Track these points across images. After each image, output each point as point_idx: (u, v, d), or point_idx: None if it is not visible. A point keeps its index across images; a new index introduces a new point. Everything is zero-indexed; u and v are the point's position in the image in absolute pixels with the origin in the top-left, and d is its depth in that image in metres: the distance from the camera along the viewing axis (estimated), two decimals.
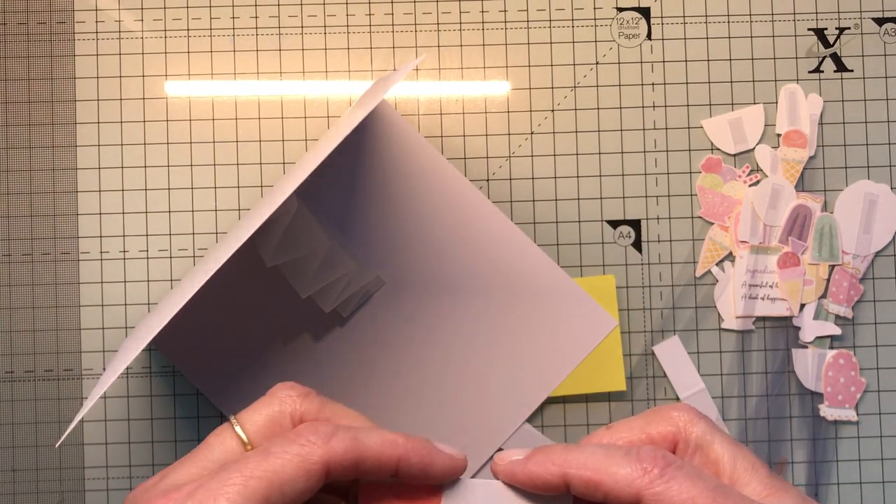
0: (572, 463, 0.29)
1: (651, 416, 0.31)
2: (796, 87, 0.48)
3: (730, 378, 0.47)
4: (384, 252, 0.47)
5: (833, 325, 0.48)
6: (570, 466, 0.28)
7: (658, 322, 0.48)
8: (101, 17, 0.48)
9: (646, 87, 0.48)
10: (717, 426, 0.31)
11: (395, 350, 0.46)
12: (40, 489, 0.46)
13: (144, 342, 0.36)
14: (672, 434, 0.30)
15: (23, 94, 0.47)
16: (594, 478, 0.28)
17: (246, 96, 0.48)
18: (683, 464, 0.28)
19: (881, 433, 0.48)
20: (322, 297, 0.45)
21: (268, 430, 0.31)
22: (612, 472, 0.28)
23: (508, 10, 0.48)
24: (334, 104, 0.48)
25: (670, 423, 0.31)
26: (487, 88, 0.48)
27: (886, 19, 0.49)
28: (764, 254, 0.48)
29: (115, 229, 0.47)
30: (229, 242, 0.38)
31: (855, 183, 0.48)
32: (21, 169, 0.47)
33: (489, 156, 0.48)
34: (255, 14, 0.48)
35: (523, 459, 0.30)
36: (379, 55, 0.48)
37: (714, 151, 0.48)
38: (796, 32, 0.49)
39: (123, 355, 0.38)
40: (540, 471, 0.29)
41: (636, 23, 0.48)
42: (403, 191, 0.47)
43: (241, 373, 0.46)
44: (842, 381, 0.47)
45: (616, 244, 0.48)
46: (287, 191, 0.35)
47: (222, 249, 0.39)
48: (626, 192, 0.48)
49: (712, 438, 0.30)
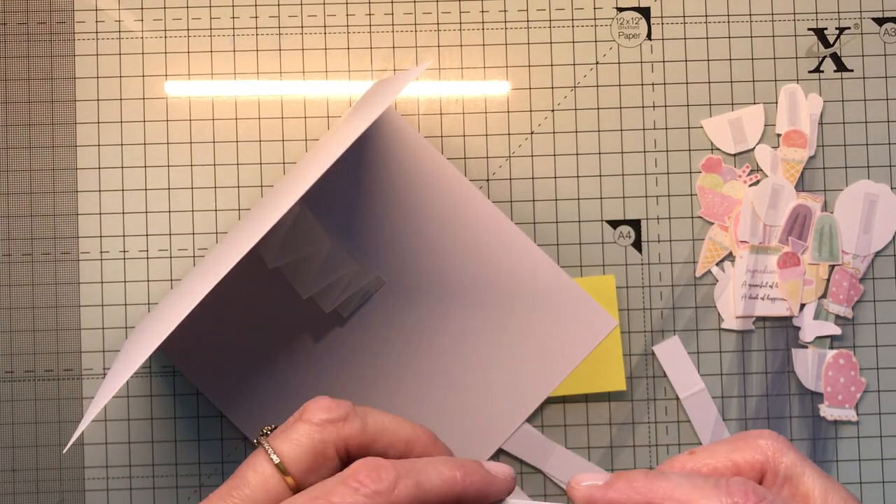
0: (658, 493, 0.27)
1: (737, 442, 0.30)
2: (796, 87, 0.48)
3: (730, 378, 0.47)
4: (384, 252, 0.47)
5: (833, 325, 0.48)
6: (656, 496, 0.27)
7: (658, 322, 0.48)
8: (101, 16, 0.48)
9: (646, 87, 0.48)
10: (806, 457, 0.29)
11: (394, 350, 0.46)
12: (40, 489, 0.46)
13: (149, 350, 0.35)
14: (760, 463, 0.29)
15: (23, 94, 0.47)
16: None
17: (246, 96, 0.48)
18: (775, 499, 0.27)
19: (881, 433, 0.48)
20: (322, 297, 0.45)
21: (310, 462, 0.30)
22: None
23: (508, 10, 0.48)
24: (334, 104, 0.48)
25: (758, 451, 0.29)
26: (487, 88, 0.48)
27: (886, 19, 0.49)
28: (764, 254, 0.48)
29: (115, 229, 0.47)
30: (233, 247, 0.37)
31: (855, 183, 0.48)
32: (21, 169, 0.47)
33: (489, 156, 0.48)
34: (255, 14, 0.48)
35: (603, 486, 0.29)
36: (379, 55, 0.48)
37: (714, 151, 0.48)
38: (796, 32, 0.49)
39: (127, 363, 0.38)
40: (623, 499, 0.28)
41: (636, 23, 0.48)
42: (403, 190, 0.47)
43: (241, 372, 0.46)
44: (842, 381, 0.47)
45: (616, 244, 0.48)
46: (292, 197, 0.35)
47: (225, 253, 0.39)
48: (626, 192, 0.48)
49: (802, 470, 0.29)
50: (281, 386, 0.46)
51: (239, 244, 0.36)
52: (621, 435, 0.47)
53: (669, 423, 0.47)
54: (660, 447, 0.47)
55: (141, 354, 0.35)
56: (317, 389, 0.46)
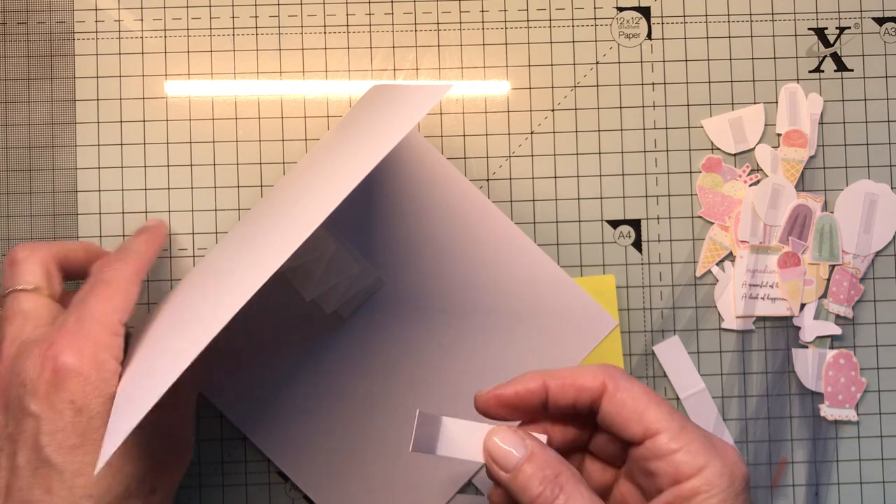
0: (549, 375, 0.36)
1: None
2: (796, 86, 0.48)
3: (730, 378, 0.47)
4: (384, 253, 0.47)
5: (833, 325, 0.48)
6: (548, 377, 0.36)
7: (658, 322, 0.48)
8: (100, 16, 0.48)
9: (646, 87, 0.48)
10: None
11: (393, 350, 0.46)
12: None
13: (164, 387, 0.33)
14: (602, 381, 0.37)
15: (23, 94, 0.47)
16: (569, 379, 0.36)
17: (246, 96, 0.48)
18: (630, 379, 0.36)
19: (881, 433, 0.48)
20: (325, 299, 0.45)
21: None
22: (580, 375, 0.36)
23: (508, 9, 0.48)
24: (334, 104, 0.48)
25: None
26: (487, 88, 0.48)
27: (886, 19, 0.49)
28: (764, 253, 0.47)
29: (115, 229, 0.47)
30: (244, 268, 0.36)
31: (855, 183, 0.48)
32: (21, 169, 0.47)
33: (489, 155, 0.48)
34: (255, 14, 0.48)
35: (505, 384, 0.37)
36: (379, 55, 0.48)
37: (714, 151, 0.48)
38: (796, 32, 0.49)
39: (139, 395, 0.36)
40: (523, 383, 0.36)
41: (636, 22, 0.48)
42: (403, 192, 0.47)
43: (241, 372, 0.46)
44: (842, 380, 0.47)
45: (616, 244, 0.48)
46: (313, 221, 0.33)
47: (235, 269, 0.37)
48: (626, 191, 0.48)
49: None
50: (293, 397, 0.46)
51: (252, 266, 0.35)
52: None
53: None
54: None
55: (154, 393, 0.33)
56: (317, 387, 0.46)
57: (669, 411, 0.34)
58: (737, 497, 0.33)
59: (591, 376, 0.36)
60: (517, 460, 0.34)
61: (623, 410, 0.35)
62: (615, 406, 0.35)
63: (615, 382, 0.35)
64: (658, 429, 0.34)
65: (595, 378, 0.35)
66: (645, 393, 0.35)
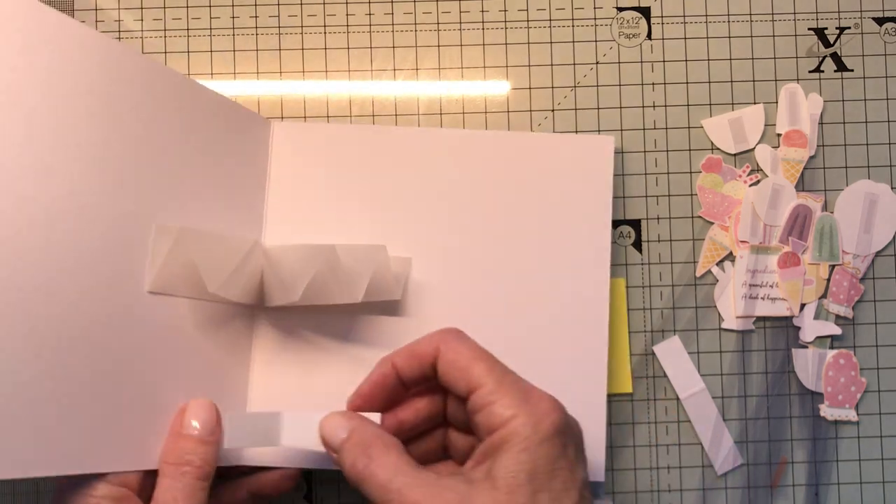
0: (395, 353, 0.39)
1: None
2: (796, 86, 0.48)
3: (730, 378, 0.47)
4: None
5: (833, 325, 0.48)
6: (394, 356, 0.39)
7: (658, 322, 0.48)
8: (101, 16, 0.48)
9: (646, 87, 0.48)
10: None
11: None
12: (40, 489, 0.46)
13: None
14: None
15: None
16: (408, 350, 0.39)
17: (246, 96, 0.48)
18: None
19: (881, 433, 0.48)
20: None
21: None
22: (418, 343, 0.38)
23: (508, 9, 0.48)
24: (334, 104, 0.48)
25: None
26: (487, 88, 0.48)
27: (886, 19, 0.49)
28: (764, 254, 0.47)
29: None
30: None
31: (855, 183, 0.48)
32: None
33: None
34: (255, 14, 0.48)
35: (364, 380, 0.39)
36: (379, 55, 0.48)
37: (714, 151, 0.48)
38: (796, 32, 0.49)
39: None
40: (377, 370, 0.39)
41: (636, 22, 0.48)
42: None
43: None
44: (842, 380, 0.47)
45: (616, 244, 0.48)
46: None
47: None
48: (626, 192, 0.48)
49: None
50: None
51: None
52: (621, 435, 0.47)
53: (669, 423, 0.47)
54: (660, 447, 0.47)
55: None
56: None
57: (490, 367, 0.36)
58: (541, 443, 0.34)
59: (427, 342, 0.38)
60: (341, 440, 0.37)
61: (452, 370, 0.37)
62: (446, 366, 0.37)
63: (447, 345, 0.38)
64: (479, 384, 0.36)
65: (430, 343, 0.38)
66: (470, 350, 0.37)
